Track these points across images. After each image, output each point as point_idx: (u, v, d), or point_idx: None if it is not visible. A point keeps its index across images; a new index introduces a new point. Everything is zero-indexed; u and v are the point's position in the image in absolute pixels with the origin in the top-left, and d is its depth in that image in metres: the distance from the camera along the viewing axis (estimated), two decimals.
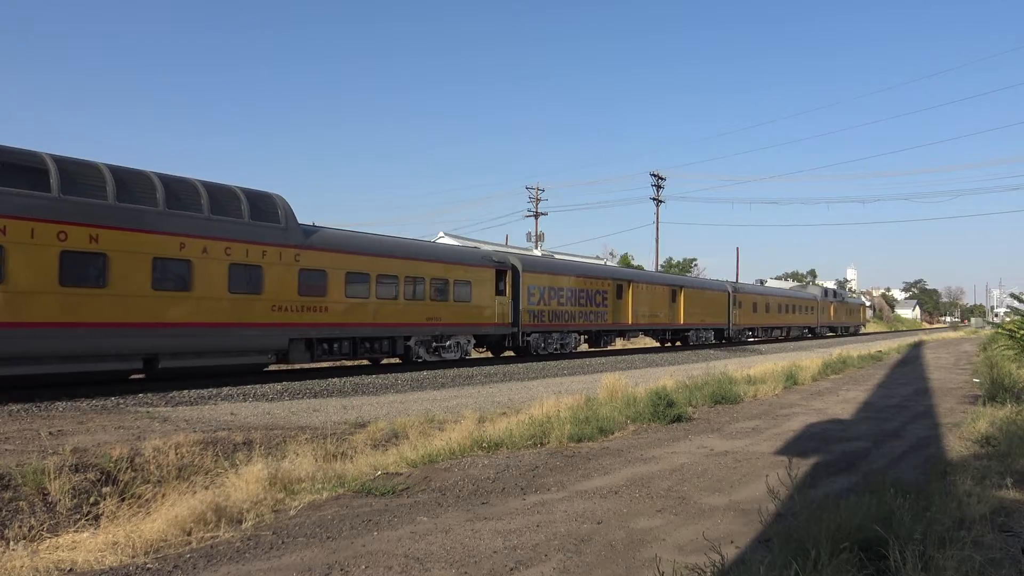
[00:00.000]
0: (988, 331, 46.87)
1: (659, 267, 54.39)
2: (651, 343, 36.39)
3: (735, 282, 45.73)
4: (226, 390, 13.70)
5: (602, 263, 52.58)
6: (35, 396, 11.73)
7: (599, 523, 5.72)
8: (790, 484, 6.09)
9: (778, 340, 47.63)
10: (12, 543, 5.53)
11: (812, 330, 55.71)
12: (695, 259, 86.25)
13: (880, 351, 31.26)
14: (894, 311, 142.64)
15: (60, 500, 6.27)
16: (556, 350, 26.16)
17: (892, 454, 8.83)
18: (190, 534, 5.45)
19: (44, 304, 12.04)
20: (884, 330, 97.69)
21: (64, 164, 12.67)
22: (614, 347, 31.66)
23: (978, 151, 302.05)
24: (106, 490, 6.55)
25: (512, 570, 4.69)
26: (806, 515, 5.11)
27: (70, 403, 11.33)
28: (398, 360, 20.21)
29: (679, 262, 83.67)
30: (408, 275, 19.35)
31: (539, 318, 24.93)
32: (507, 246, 51.08)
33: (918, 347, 40.59)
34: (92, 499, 6.40)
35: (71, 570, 4.90)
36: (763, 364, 21.27)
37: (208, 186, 14.94)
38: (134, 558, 5.00)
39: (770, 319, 46.49)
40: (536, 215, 55.13)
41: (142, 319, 13.37)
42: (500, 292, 23.01)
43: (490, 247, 35.12)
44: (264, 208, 15.89)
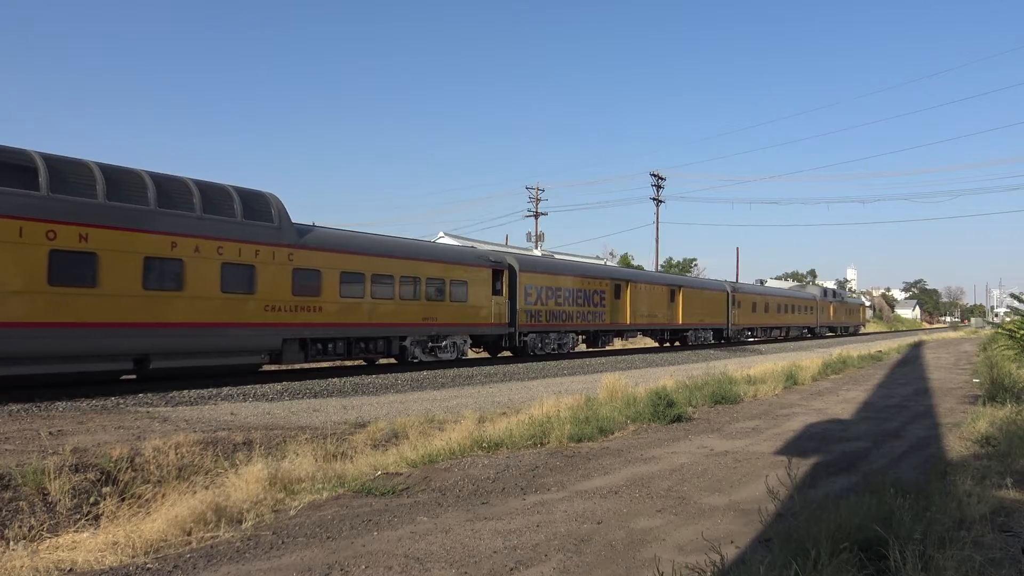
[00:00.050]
0: (988, 331, 46.89)
1: (659, 267, 54.40)
2: (650, 343, 36.39)
3: (734, 282, 45.75)
4: (226, 390, 13.70)
5: (602, 263, 52.58)
6: (35, 396, 11.72)
7: (599, 523, 5.72)
8: (790, 484, 6.09)
9: (777, 340, 47.63)
10: (12, 543, 5.54)
11: (811, 330, 55.72)
12: (695, 259, 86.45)
13: (880, 351, 31.27)
14: (894, 311, 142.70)
15: (60, 500, 6.27)
16: (553, 350, 26.10)
17: (892, 454, 8.83)
18: (190, 534, 5.45)
19: (32, 304, 11.92)
20: (884, 330, 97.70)
21: (53, 162, 12.54)
22: (612, 347, 31.63)
23: (978, 151, 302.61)
24: (106, 490, 6.55)
25: (512, 570, 4.70)
26: (806, 515, 5.11)
27: (70, 403, 11.32)
28: (394, 360, 20.09)
29: (679, 262, 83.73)
30: (404, 275, 19.28)
31: (536, 318, 24.87)
32: (507, 246, 51.10)
33: (918, 347, 40.61)
34: (92, 499, 6.40)
35: (71, 570, 4.90)
36: (763, 364, 21.27)
37: (200, 185, 14.82)
38: (134, 558, 5.01)
39: (769, 319, 46.50)
40: (536, 215, 55.15)
41: (133, 319, 13.26)
42: (497, 292, 22.93)
43: (490, 247, 35.11)
44: (257, 207, 15.78)
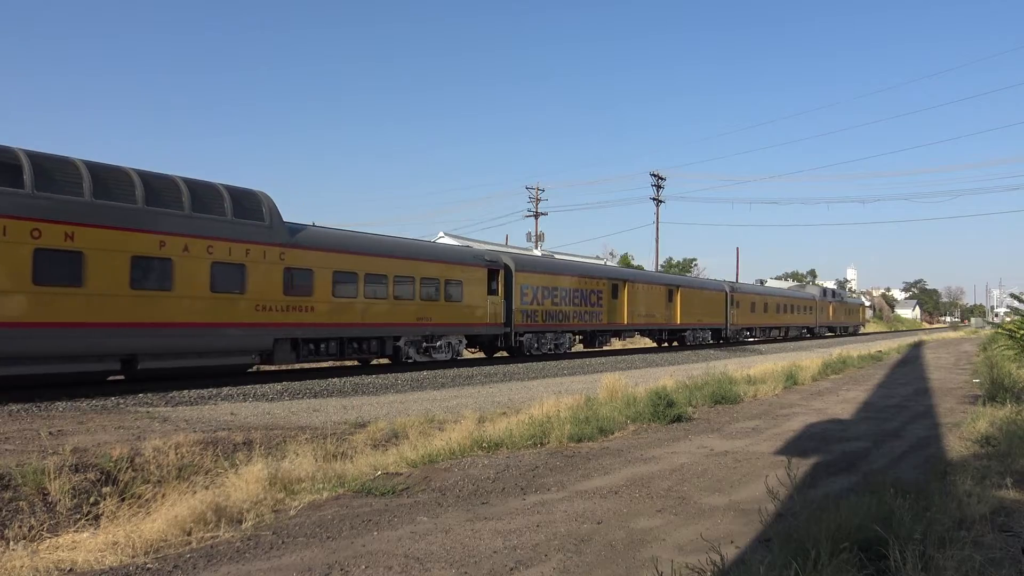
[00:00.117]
0: (988, 331, 46.91)
1: (659, 267, 54.43)
2: (648, 343, 36.39)
3: (733, 282, 45.74)
4: (226, 390, 13.71)
5: (601, 263, 52.59)
6: (35, 396, 11.73)
7: (599, 523, 5.72)
8: (790, 484, 6.09)
9: (776, 340, 47.64)
10: (12, 543, 5.53)
11: (811, 330, 55.72)
12: (695, 259, 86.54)
13: (880, 351, 31.28)
14: (894, 311, 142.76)
15: (60, 500, 6.26)
16: (550, 351, 25.99)
17: (892, 454, 8.83)
18: (190, 534, 5.45)
19: (17, 303, 11.78)
20: (884, 330, 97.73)
21: (38, 160, 12.36)
22: (610, 347, 31.59)
23: (978, 151, 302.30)
24: (106, 490, 6.55)
25: (512, 570, 4.70)
26: (806, 515, 5.11)
27: (70, 403, 11.32)
28: (387, 361, 19.92)
29: (679, 262, 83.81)
30: (398, 274, 19.14)
31: (532, 318, 24.77)
32: (507, 246, 51.11)
33: (918, 347, 40.62)
34: (92, 499, 6.40)
35: (71, 570, 4.90)
36: (763, 364, 21.27)
37: (190, 183, 14.64)
38: (134, 558, 5.01)
39: (768, 319, 46.50)
40: (536, 215, 55.17)
41: (120, 319, 13.07)
42: (492, 292, 22.78)
43: (490, 247, 35.09)
44: (248, 206, 15.61)
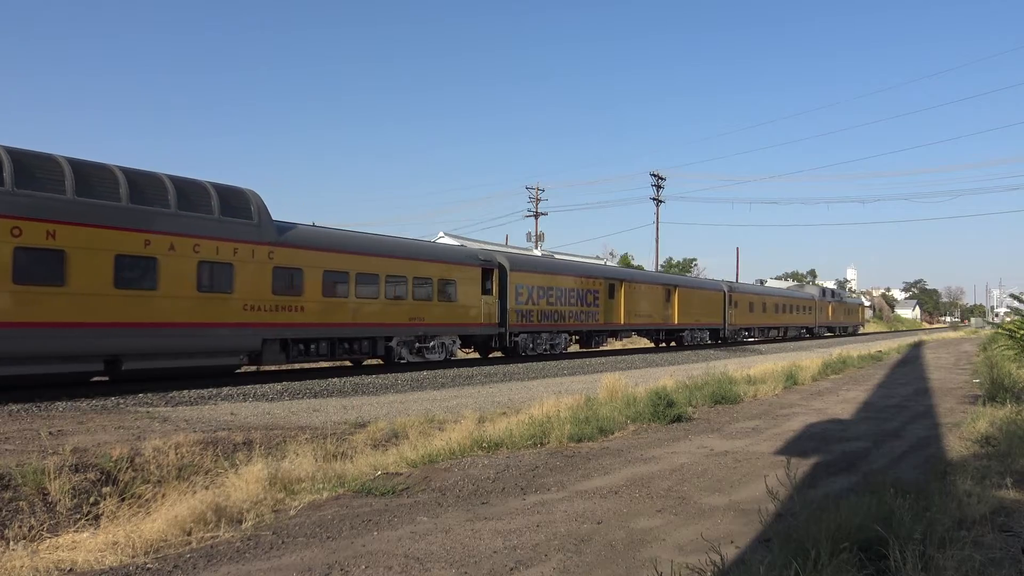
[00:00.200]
0: (988, 331, 46.91)
1: (659, 267, 54.43)
2: (646, 343, 36.36)
3: (731, 282, 45.70)
4: (226, 390, 13.71)
5: (601, 263, 52.59)
6: (35, 396, 11.73)
7: (599, 523, 5.72)
8: (790, 484, 6.09)
9: (775, 340, 47.63)
10: (12, 543, 5.53)
11: (810, 330, 55.68)
12: (695, 259, 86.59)
13: (880, 351, 31.27)
14: (894, 311, 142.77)
15: (60, 500, 6.27)
16: (545, 351, 25.82)
17: (892, 454, 8.83)
18: (190, 534, 5.45)
19: None
20: (884, 330, 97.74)
21: (19, 156, 12.21)
22: (607, 347, 31.51)
23: (978, 151, 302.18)
24: (106, 490, 6.55)
25: (512, 570, 4.70)
26: (806, 515, 5.11)
27: (70, 403, 11.33)
28: (380, 361, 19.73)
29: (679, 262, 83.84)
30: (390, 274, 18.97)
31: (527, 318, 24.59)
32: (507, 246, 51.14)
33: (918, 347, 40.61)
34: (92, 499, 6.40)
35: (71, 570, 4.90)
36: (763, 364, 21.27)
37: (176, 180, 14.47)
38: (134, 558, 5.01)
39: (767, 319, 46.46)
40: (536, 215, 55.17)
41: (103, 319, 12.88)
42: (487, 291, 22.58)
43: (490, 247, 35.08)
44: (236, 204, 15.42)
